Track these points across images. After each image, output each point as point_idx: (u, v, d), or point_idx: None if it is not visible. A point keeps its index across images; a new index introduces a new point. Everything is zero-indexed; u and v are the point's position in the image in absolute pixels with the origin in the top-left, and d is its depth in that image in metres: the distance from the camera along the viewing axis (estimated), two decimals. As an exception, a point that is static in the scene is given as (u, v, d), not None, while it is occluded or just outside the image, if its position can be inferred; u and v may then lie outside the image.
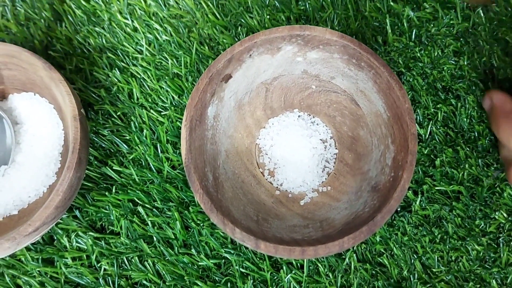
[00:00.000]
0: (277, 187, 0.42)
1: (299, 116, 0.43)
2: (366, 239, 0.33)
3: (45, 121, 0.42)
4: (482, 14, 0.45)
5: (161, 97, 0.45)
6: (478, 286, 0.40)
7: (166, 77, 0.46)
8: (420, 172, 0.42)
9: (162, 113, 0.45)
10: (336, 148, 0.42)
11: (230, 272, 0.40)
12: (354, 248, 0.41)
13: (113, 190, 0.43)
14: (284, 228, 0.37)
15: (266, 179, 0.42)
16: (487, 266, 0.40)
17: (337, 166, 0.42)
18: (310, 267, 0.40)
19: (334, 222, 0.37)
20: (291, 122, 0.43)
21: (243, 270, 0.40)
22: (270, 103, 0.43)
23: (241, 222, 0.35)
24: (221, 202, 0.36)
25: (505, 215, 0.41)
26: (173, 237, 0.41)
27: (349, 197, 0.39)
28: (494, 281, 0.40)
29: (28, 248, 0.41)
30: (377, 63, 0.36)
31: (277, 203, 0.41)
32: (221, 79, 0.38)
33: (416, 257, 0.40)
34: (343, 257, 0.40)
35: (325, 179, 0.42)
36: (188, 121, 0.36)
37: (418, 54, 0.45)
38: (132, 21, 0.48)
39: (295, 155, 0.42)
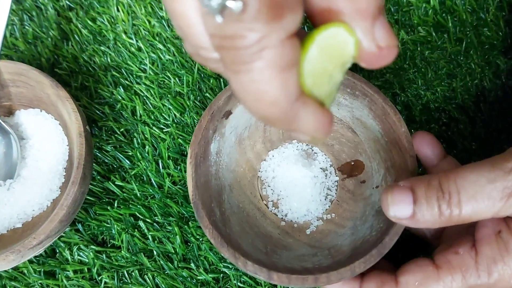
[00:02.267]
0: (282, 218, 0.42)
1: (297, 146, 0.44)
2: (376, 262, 0.33)
3: (50, 137, 0.44)
4: (474, 38, 0.47)
5: (163, 114, 0.47)
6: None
7: (169, 95, 0.47)
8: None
9: (164, 130, 0.46)
10: (336, 176, 0.43)
11: (228, 286, 0.41)
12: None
13: (115, 205, 0.44)
14: (294, 258, 0.37)
15: (271, 211, 0.42)
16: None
17: (339, 193, 0.42)
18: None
19: (342, 249, 0.37)
20: (291, 153, 0.43)
21: (241, 285, 0.41)
22: (269, 136, 0.44)
23: (252, 255, 0.35)
24: (230, 236, 0.36)
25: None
26: (173, 251, 0.42)
27: (354, 222, 0.40)
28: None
29: (30, 261, 0.42)
30: (371, 91, 0.37)
31: (284, 234, 0.41)
32: (222, 115, 0.39)
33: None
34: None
35: (329, 206, 0.42)
36: (193, 158, 0.37)
37: (413, 76, 0.46)
38: (137, 41, 0.50)
39: (297, 185, 0.42)
